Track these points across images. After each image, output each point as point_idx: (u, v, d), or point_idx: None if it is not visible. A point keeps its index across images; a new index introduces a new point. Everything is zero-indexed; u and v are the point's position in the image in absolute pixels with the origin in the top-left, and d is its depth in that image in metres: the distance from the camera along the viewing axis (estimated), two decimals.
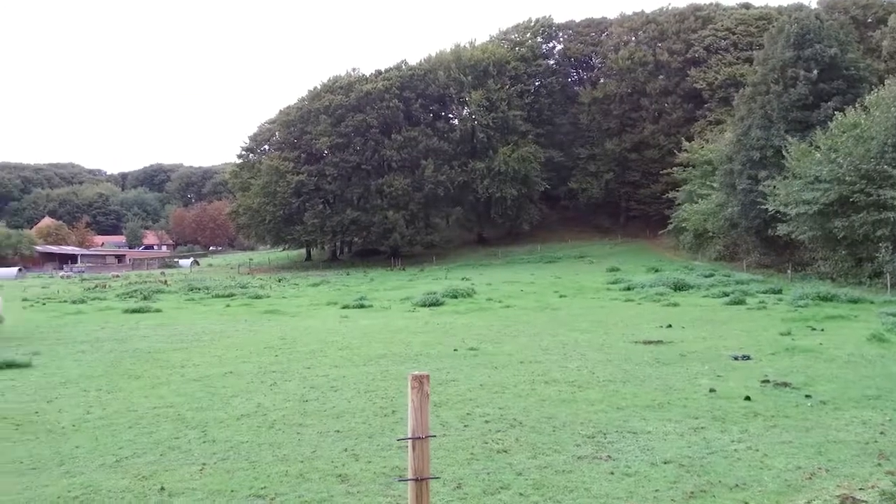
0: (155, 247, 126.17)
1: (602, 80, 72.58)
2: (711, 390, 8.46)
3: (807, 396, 8.06)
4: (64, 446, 6.70)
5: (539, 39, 75.81)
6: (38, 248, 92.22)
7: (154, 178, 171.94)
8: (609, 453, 5.97)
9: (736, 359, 10.78)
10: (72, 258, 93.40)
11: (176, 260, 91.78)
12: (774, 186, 29.71)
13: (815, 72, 32.32)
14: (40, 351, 13.32)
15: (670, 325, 15.30)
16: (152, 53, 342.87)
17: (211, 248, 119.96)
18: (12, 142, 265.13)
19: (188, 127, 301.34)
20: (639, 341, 12.97)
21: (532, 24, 76.05)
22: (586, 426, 6.91)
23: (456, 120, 72.56)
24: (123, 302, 27.04)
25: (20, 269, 73.36)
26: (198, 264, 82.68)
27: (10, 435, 7.19)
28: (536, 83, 73.47)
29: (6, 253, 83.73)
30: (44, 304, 27.46)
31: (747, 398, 7.97)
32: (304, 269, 66.11)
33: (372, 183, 66.09)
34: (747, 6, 68.51)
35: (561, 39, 77.60)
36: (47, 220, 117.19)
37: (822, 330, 14.08)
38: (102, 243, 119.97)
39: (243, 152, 76.39)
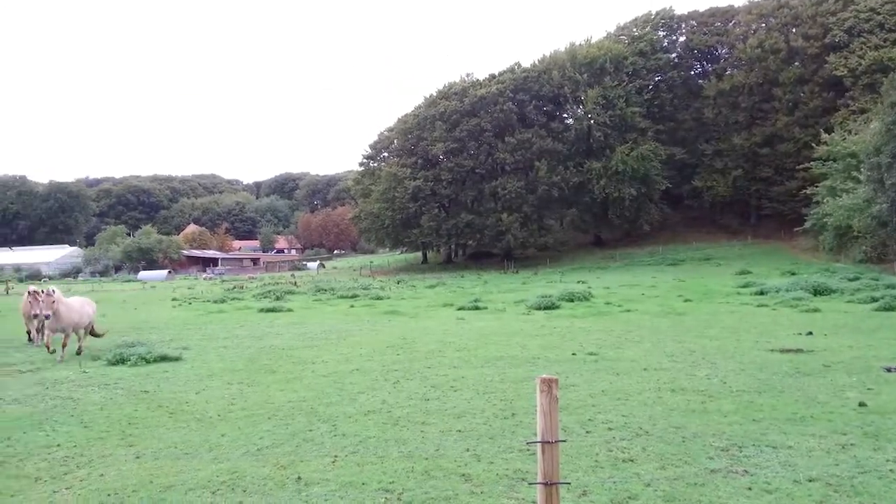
0: (285, 250, 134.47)
1: (729, 72, 68.42)
2: (861, 404, 7.72)
3: None
4: (211, 434, 7.31)
5: (659, 33, 72.86)
6: (185, 252, 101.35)
7: (284, 186, 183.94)
8: (745, 468, 5.63)
9: (889, 370, 9.77)
10: (213, 261, 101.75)
11: (304, 263, 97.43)
12: None
13: None
14: (189, 346, 14.63)
15: (811, 333, 14.13)
16: (280, 71, 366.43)
17: (335, 251, 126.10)
18: (163, 156, 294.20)
19: (314, 137, 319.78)
20: (775, 349, 12.09)
21: (652, 17, 73.26)
22: (719, 438, 6.55)
23: (571, 119, 71.37)
24: (258, 302, 29.06)
25: (169, 272, 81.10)
26: (324, 267, 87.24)
27: (165, 422, 7.96)
28: (656, 78, 70.73)
29: (157, 257, 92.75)
30: (190, 303, 30.11)
31: None
32: (420, 271, 67.76)
33: (485, 186, 66.55)
34: None
35: (683, 31, 74.10)
36: (192, 227, 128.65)
37: None
38: (240, 248, 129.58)
39: (364, 160, 79.68)
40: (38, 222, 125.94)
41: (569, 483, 4.97)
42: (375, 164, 77.65)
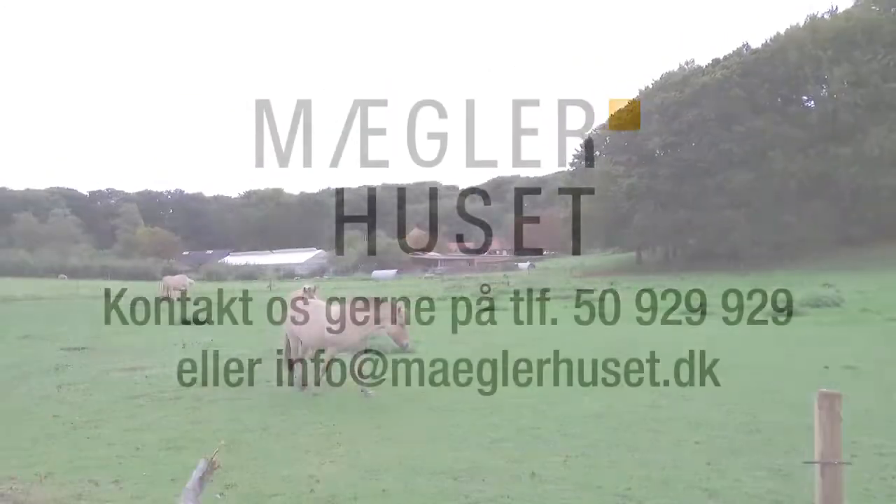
0: (497, 252, 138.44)
1: None
2: None
3: None
4: (446, 423, 7.81)
5: None
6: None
7: (497, 189, 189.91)
8: None
9: None
10: (434, 262, 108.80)
11: (515, 263, 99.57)
12: None
13: None
14: (420, 340, 15.75)
15: None
16: (490, 83, 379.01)
17: (545, 252, 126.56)
18: (395, 166, 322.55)
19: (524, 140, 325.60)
20: None
21: None
22: None
23: (812, 102, 63.44)
24: (477, 300, 30.29)
25: (397, 271, 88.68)
26: (534, 267, 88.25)
27: (406, 409, 8.70)
28: None
29: (387, 258, 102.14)
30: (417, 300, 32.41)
31: None
32: (634, 272, 65.10)
33: (709, 180, 61.83)
34: None
35: None
36: (416, 231, 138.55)
37: None
38: (456, 249, 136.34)
39: (574, 160, 78.88)
40: (291, 228, 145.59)
41: None
42: (587, 164, 76.41)
